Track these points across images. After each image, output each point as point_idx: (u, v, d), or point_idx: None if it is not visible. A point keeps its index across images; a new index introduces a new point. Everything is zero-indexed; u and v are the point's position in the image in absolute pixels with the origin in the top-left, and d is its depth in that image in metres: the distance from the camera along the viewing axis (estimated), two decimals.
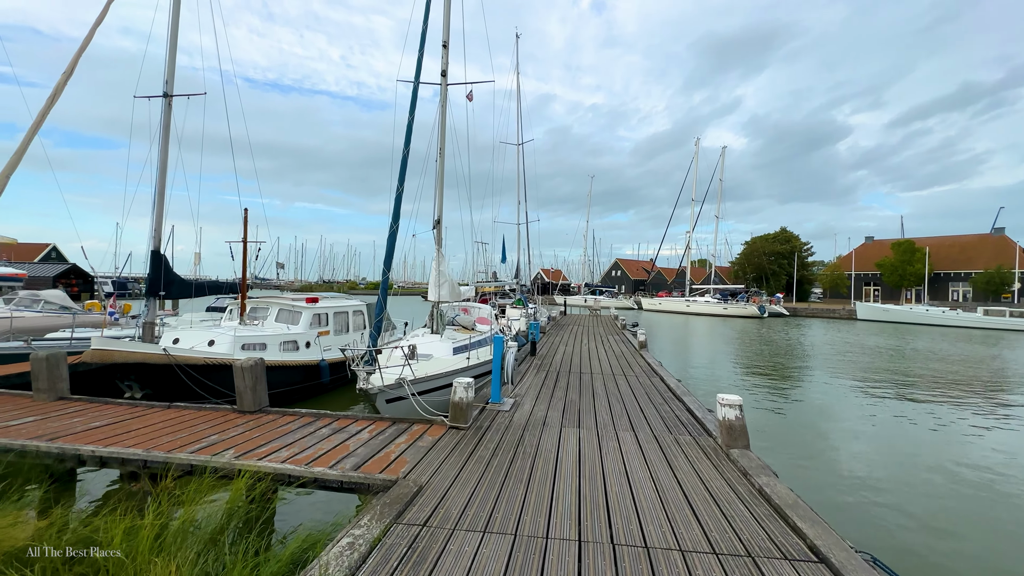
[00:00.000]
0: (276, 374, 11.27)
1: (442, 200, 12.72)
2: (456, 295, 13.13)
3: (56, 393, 7.18)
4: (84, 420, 6.22)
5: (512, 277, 33.49)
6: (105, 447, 5.12)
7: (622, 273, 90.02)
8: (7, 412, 6.50)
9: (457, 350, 11.09)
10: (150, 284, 14.59)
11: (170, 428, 5.97)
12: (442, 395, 8.95)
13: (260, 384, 6.77)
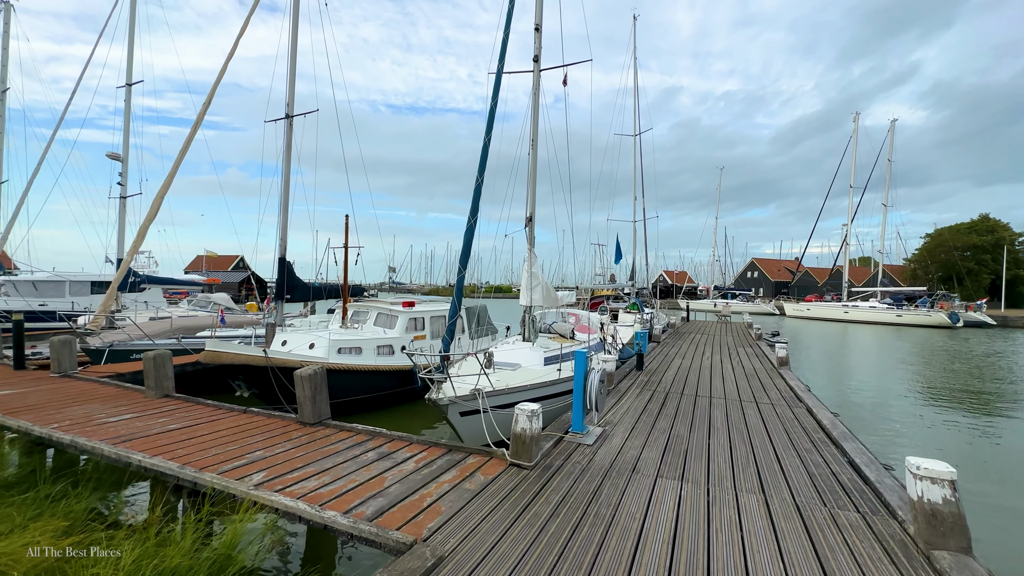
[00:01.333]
0: (370, 378, 11.23)
1: (535, 195, 11.62)
2: (551, 299, 11.91)
3: (162, 391, 7.66)
4: (168, 421, 6.38)
5: (628, 279, 31.10)
6: (153, 456, 4.98)
7: (759, 274, 79.85)
8: (117, 407, 7.02)
9: (549, 360, 9.87)
10: (277, 288, 16.07)
11: (228, 438, 5.77)
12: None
13: (320, 395, 6.34)
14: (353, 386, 11.06)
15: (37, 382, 8.49)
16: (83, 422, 6.20)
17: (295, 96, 15.91)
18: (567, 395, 8.51)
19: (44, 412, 6.56)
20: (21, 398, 7.28)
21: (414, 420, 10.68)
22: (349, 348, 11.46)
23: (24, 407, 6.79)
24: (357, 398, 11.19)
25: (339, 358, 11.05)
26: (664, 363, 12.95)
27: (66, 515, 4.30)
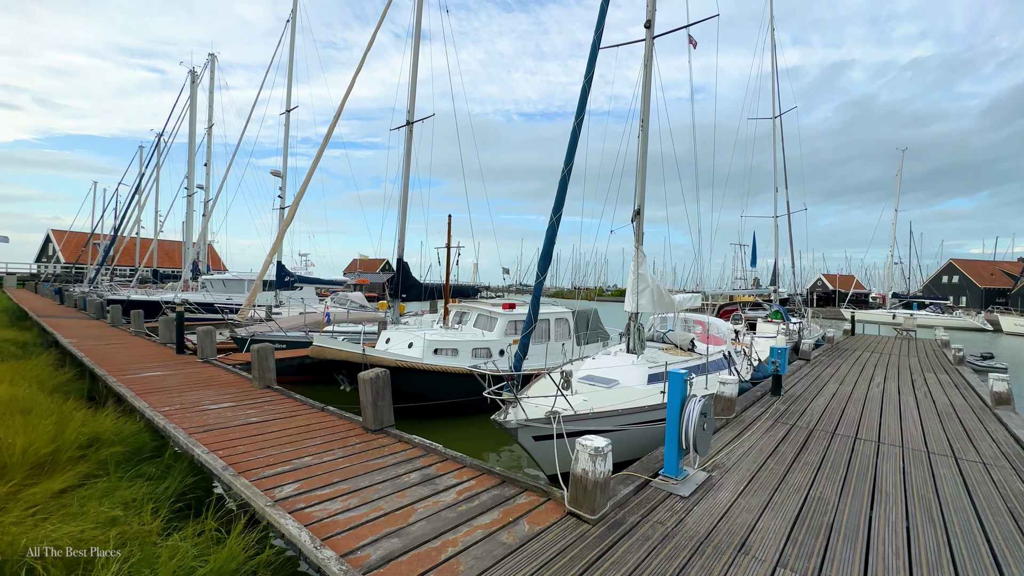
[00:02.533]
0: (464, 381, 10.91)
1: (643, 186, 10.12)
2: (663, 304, 10.26)
3: (264, 382, 8.16)
4: (254, 413, 6.63)
5: (770, 284, 26.70)
6: (213, 450, 5.02)
7: (961, 279, 63.21)
8: (224, 395, 7.60)
9: (654, 378, 8.38)
10: (393, 287, 16.92)
11: (291, 438, 5.68)
12: (627, 438, 6.67)
13: (382, 400, 5.96)
14: (447, 388, 10.85)
15: (183, 366, 9.80)
16: (189, 407, 6.75)
17: (416, 106, 16.54)
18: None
19: (167, 394, 7.36)
20: (161, 380, 8.37)
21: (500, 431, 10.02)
22: (445, 349, 11.29)
23: (157, 388, 7.73)
24: (451, 401, 10.96)
25: (434, 359, 10.92)
26: (812, 388, 10.32)
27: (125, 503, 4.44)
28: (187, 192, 29.32)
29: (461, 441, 9.75)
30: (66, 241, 48.08)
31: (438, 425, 10.59)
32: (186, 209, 29.57)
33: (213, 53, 30.16)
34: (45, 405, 7.38)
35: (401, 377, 10.32)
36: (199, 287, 27.64)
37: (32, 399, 7.41)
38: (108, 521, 4.21)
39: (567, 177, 7.44)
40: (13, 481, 5.38)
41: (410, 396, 10.73)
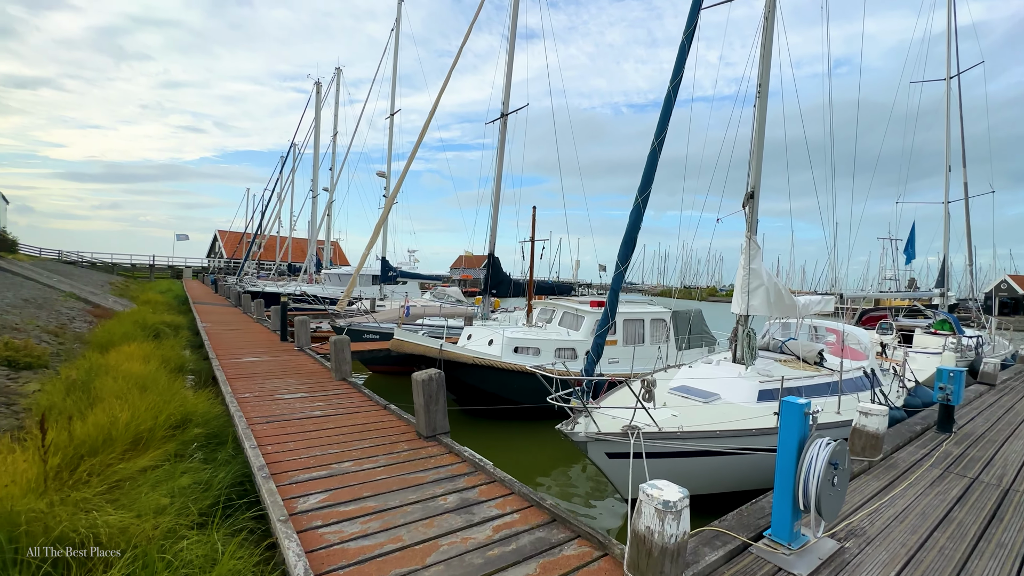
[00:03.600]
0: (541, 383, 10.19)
1: (760, 162, 8.41)
2: (783, 306, 8.46)
3: (340, 374, 8.23)
4: (320, 406, 6.60)
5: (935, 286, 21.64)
6: (262, 445, 4.90)
7: None
8: (302, 384, 7.77)
9: (767, 395, 6.85)
10: (484, 282, 16.74)
11: (343, 438, 5.42)
12: (725, 468, 5.46)
13: (435, 405, 5.45)
14: (526, 389, 10.20)
15: (281, 353, 10.44)
16: (266, 395, 6.95)
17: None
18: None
19: (253, 380, 7.73)
20: (254, 366, 8.91)
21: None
22: (527, 348, 10.64)
23: (248, 374, 8.19)
24: (529, 406, 10.29)
25: (514, 358, 10.32)
26: (1003, 426, 7.72)
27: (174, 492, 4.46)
28: (312, 194, 32.65)
29: (529, 449, 9.01)
30: (227, 239, 56.96)
31: (510, 429, 9.98)
32: (311, 210, 32.95)
33: (339, 68, 32.94)
34: (162, 383, 8.23)
35: (477, 375, 9.90)
36: (322, 280, 30.63)
37: (153, 377, 8.29)
38: (156, 509, 4.27)
39: (658, 150, 6.26)
40: (113, 453, 5.88)
41: (486, 395, 10.28)
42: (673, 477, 5.95)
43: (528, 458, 8.54)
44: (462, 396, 10.91)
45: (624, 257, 6.25)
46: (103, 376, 8.62)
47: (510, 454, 8.74)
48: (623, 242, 6.29)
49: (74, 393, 8.17)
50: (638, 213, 6.21)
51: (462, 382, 10.18)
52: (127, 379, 8.21)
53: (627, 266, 6.27)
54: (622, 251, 6.29)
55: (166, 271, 49.98)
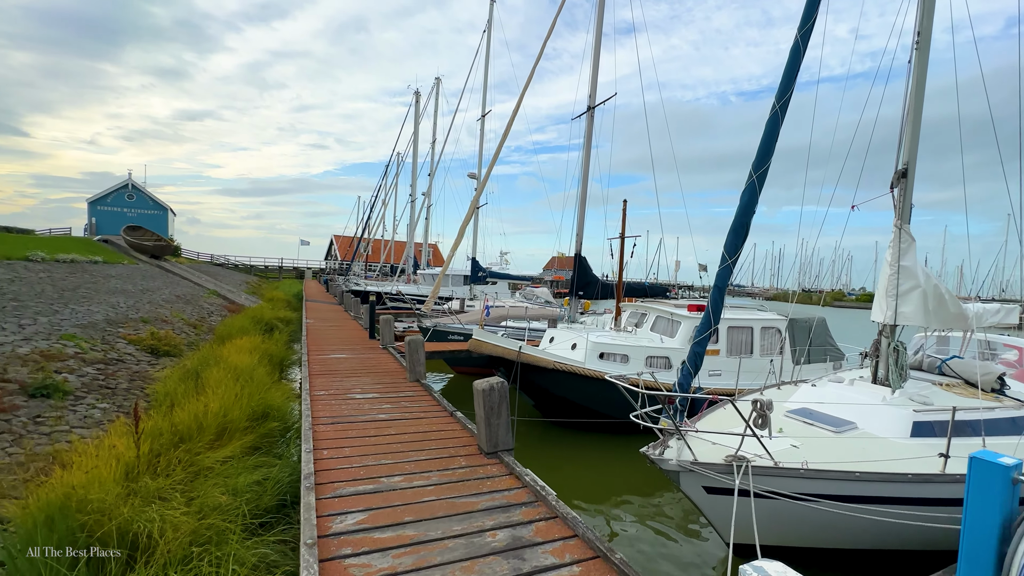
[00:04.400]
0: (632, 394, 9.18)
1: (917, 130, 6.60)
2: (947, 316, 6.58)
3: (415, 375, 8.05)
4: (388, 409, 6.39)
5: None
6: (317, 449, 4.70)
7: None
8: (376, 384, 7.70)
9: (924, 429, 5.26)
10: (571, 283, 15.94)
11: (401, 447, 5.07)
12: (865, 520, 4.24)
13: (497, 418, 4.86)
14: (610, 400, 9.25)
15: (366, 351, 10.68)
16: (339, 393, 6.95)
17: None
18: (956, 512, 3.94)
19: (332, 378, 7.84)
20: (338, 363, 9.13)
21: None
22: (613, 354, 9.68)
23: (329, 370, 8.36)
24: (615, 420, 9.36)
25: (599, 365, 9.44)
26: None
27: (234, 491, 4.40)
28: (410, 199, 34.39)
29: (608, 468, 8.05)
30: (341, 243, 62.69)
31: (588, 442, 9.10)
32: (409, 213, 34.72)
33: (438, 78, 34.26)
34: (259, 375, 8.77)
35: (556, 380, 9.19)
36: (418, 280, 32.08)
37: (251, 369, 8.86)
38: (214, 507, 4.24)
39: (780, 115, 5.05)
40: (202, 442, 6.22)
41: (566, 403, 9.53)
42: (790, 525, 4.75)
43: (605, 481, 7.63)
44: (540, 402, 10.27)
45: (733, 248, 5.12)
46: (213, 367, 9.43)
47: (585, 473, 7.90)
48: (732, 229, 5.15)
49: (187, 381, 9.02)
50: (752, 193, 5.04)
51: (540, 387, 9.55)
52: (229, 370, 8.87)
53: (736, 258, 5.14)
54: (730, 240, 5.16)
55: (291, 272, 56.35)
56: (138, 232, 31.62)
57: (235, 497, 4.47)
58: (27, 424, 6.76)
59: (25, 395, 7.63)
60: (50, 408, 7.41)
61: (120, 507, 3.85)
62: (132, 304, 16.55)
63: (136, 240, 30.39)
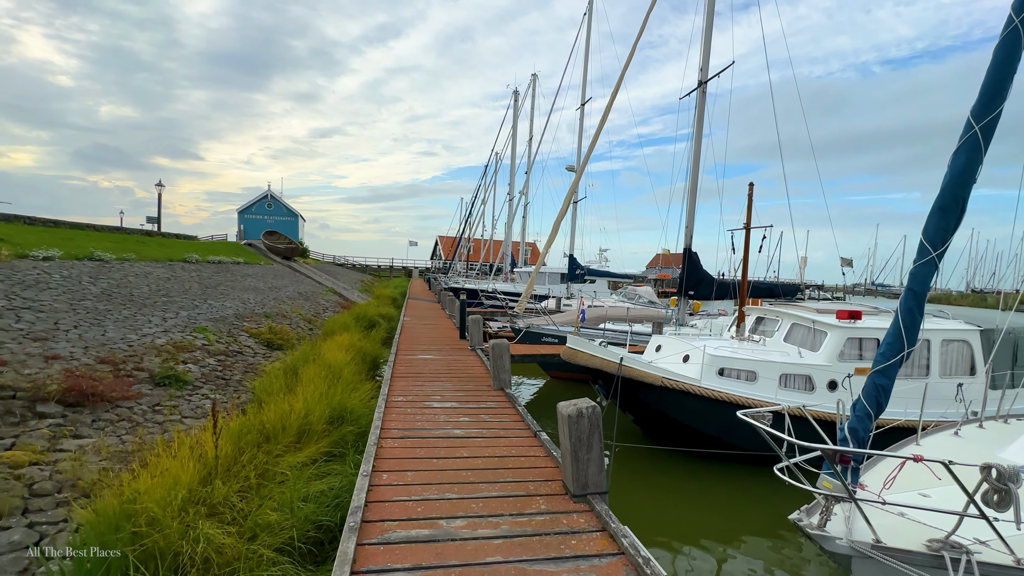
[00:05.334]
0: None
1: None
2: None
3: (499, 383, 7.28)
4: (465, 423, 5.66)
5: None
6: (381, 467, 4.06)
7: None
8: (458, 391, 7.05)
9: None
10: (679, 282, 14.14)
11: (473, 477, 4.25)
12: None
13: (587, 452, 3.80)
14: (734, 427, 7.63)
15: (454, 352, 10.22)
16: (418, 400, 6.41)
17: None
18: None
19: (415, 381, 7.38)
20: (423, 364, 8.72)
21: None
22: (737, 371, 8.02)
23: (413, 373, 7.95)
24: (744, 451, 7.74)
25: (718, 383, 7.86)
26: None
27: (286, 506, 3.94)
28: (508, 197, 34.31)
29: (733, 511, 6.49)
30: (444, 243, 65.45)
31: (705, 474, 7.57)
32: (508, 212, 34.65)
33: (535, 74, 33.73)
34: (347, 374, 8.71)
35: (666, 400, 7.81)
36: (516, 278, 31.85)
37: (342, 368, 8.84)
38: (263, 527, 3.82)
39: (1021, 31, 3.29)
40: (282, 443, 6.08)
41: (677, 427, 8.09)
42: None
43: (723, 525, 6.12)
44: (644, 422, 8.92)
45: (940, 234, 3.46)
46: (310, 364, 9.66)
47: (702, 516, 6.46)
48: (937, 208, 3.48)
49: (285, 377, 9.28)
50: (972, 153, 3.35)
51: (644, 406, 8.22)
52: (322, 368, 8.95)
53: (944, 249, 3.47)
54: (934, 224, 3.50)
55: (401, 271, 60.15)
56: (274, 236, 35.64)
57: (292, 514, 4.06)
58: (146, 412, 7.27)
59: (152, 384, 8.33)
60: (169, 397, 7.97)
61: (171, 521, 3.60)
62: (260, 300, 18.28)
63: (272, 243, 34.25)
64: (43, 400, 6.39)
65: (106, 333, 9.66)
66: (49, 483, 4.97)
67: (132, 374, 8.47)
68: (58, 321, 9.32)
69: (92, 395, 6.85)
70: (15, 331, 8.27)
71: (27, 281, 10.83)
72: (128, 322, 10.72)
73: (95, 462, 5.59)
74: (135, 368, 8.67)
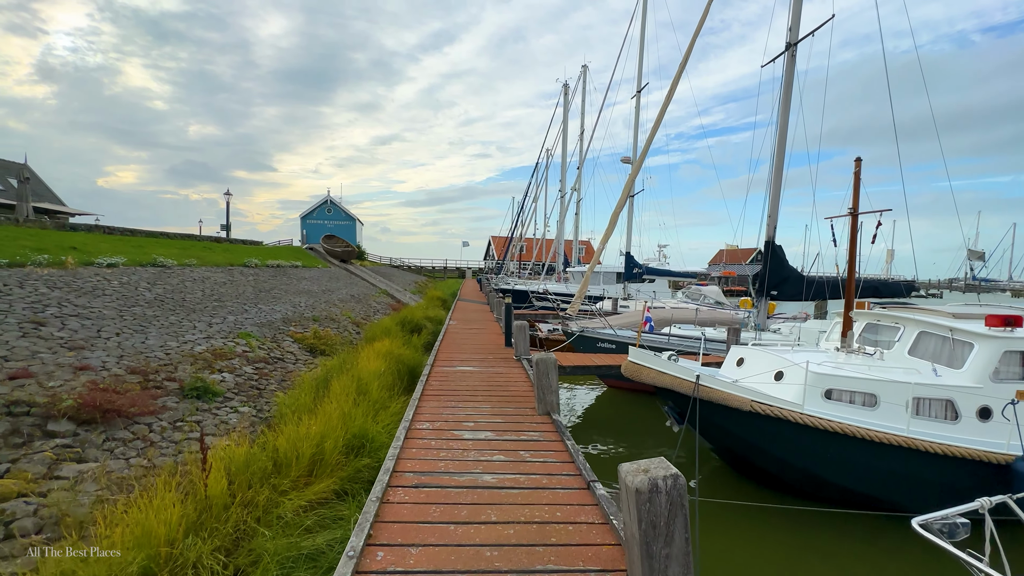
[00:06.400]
0: (894, 463, 5.77)
1: None
2: None
3: (544, 406, 6.04)
4: (497, 464, 4.50)
5: None
6: (377, 540, 2.99)
7: None
8: (496, 414, 5.91)
9: None
10: (759, 280, 12.23)
11: (503, 552, 3.10)
12: None
13: (666, 546, 2.50)
14: (862, 470, 5.92)
15: (497, 363, 9.12)
16: (447, 428, 5.34)
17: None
18: None
19: (448, 401, 6.35)
20: (462, 378, 7.68)
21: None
22: (851, 392, 6.29)
23: (449, 391, 6.92)
24: (862, 497, 6.04)
25: (826, 408, 6.18)
26: None
27: None
28: (559, 193, 32.84)
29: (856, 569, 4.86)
30: (497, 243, 64.94)
31: (818, 525, 5.94)
32: (559, 209, 33.19)
33: (585, 65, 32.06)
34: (375, 388, 7.86)
35: (758, 430, 6.26)
36: (568, 278, 30.37)
37: (371, 380, 8.00)
38: None
39: None
40: (290, 477, 5.25)
41: (775, 464, 6.51)
42: None
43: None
44: (728, 452, 7.37)
45: None
46: (343, 374, 8.95)
47: None
48: None
49: (315, 391, 8.59)
50: None
51: (728, 434, 6.70)
52: (353, 380, 8.17)
53: None
54: None
55: (455, 272, 60.32)
56: (332, 240, 36.51)
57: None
58: (165, 429, 6.75)
59: (180, 395, 7.91)
60: (191, 411, 7.49)
61: None
62: (311, 304, 18.20)
63: (330, 247, 35.06)
64: (56, 417, 5.96)
65: (146, 340, 9.42)
66: (30, 520, 4.38)
67: (162, 384, 8.05)
68: (101, 329, 9.17)
69: (109, 410, 6.37)
70: (55, 340, 8.08)
71: (85, 288, 10.93)
72: (173, 328, 10.53)
73: (92, 491, 5.03)
74: (167, 378, 8.28)
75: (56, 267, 11.86)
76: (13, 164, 30.91)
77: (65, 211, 30.80)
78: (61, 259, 12.32)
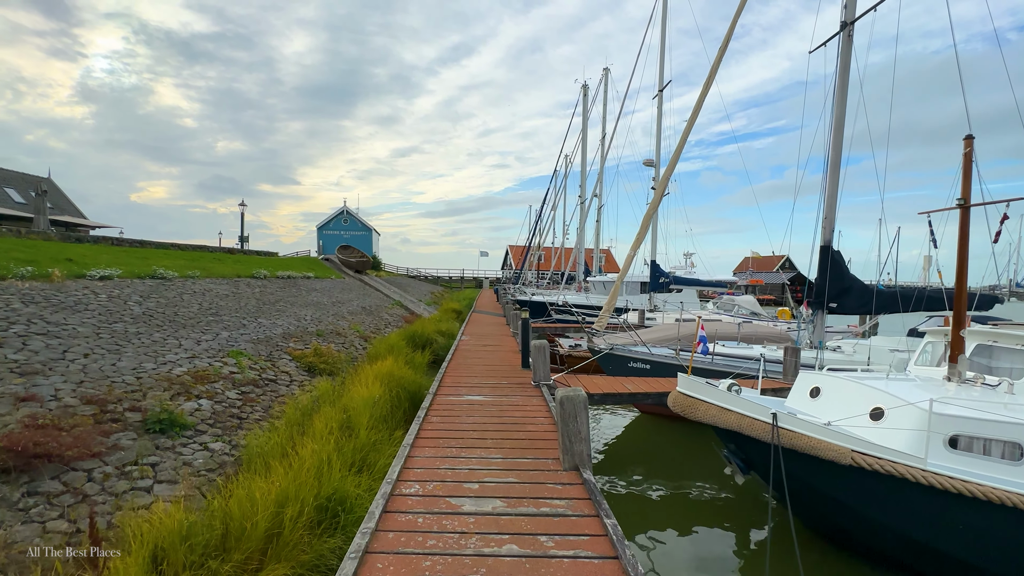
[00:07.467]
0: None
1: None
2: None
3: (571, 460, 4.58)
4: (498, 556, 3.12)
5: None
6: None
7: None
8: (511, 470, 4.50)
9: None
10: (816, 289, 10.61)
11: None
12: None
13: None
14: (999, 545, 4.33)
15: (512, 390, 7.73)
16: (444, 495, 3.96)
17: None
18: None
19: (449, 447, 4.99)
20: (469, 411, 6.29)
21: None
22: (985, 440, 4.66)
23: (451, 430, 5.55)
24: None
25: (953, 460, 4.58)
26: None
27: None
28: (579, 200, 31.42)
29: None
30: (515, 253, 63.73)
31: None
32: (579, 216, 31.75)
33: (607, 68, 30.74)
34: (363, 427, 6.54)
35: (866, 490, 4.71)
36: (588, 288, 28.81)
37: (360, 413, 6.70)
38: None
39: None
40: (239, 555, 3.95)
41: (886, 535, 4.94)
42: None
43: None
44: (814, 515, 5.72)
45: None
46: (328, 404, 7.70)
47: None
48: None
49: (300, 422, 7.34)
50: None
51: (817, 494, 5.12)
52: (341, 411, 6.91)
53: None
54: None
55: (472, 282, 59.28)
56: (347, 250, 35.82)
57: None
58: (108, 477, 5.54)
59: (141, 429, 6.75)
60: (154, 449, 6.30)
61: None
62: (317, 317, 17.13)
63: (345, 257, 34.33)
64: None
65: (118, 362, 8.30)
66: None
67: (122, 416, 6.86)
68: (68, 349, 8.08)
69: (37, 455, 5.20)
70: (6, 364, 7.00)
71: (66, 303, 9.95)
72: (154, 347, 9.43)
73: None
74: (129, 407, 7.09)
75: (42, 280, 10.93)
76: (34, 178, 31.18)
77: (86, 224, 30.82)
78: (48, 271, 11.40)
